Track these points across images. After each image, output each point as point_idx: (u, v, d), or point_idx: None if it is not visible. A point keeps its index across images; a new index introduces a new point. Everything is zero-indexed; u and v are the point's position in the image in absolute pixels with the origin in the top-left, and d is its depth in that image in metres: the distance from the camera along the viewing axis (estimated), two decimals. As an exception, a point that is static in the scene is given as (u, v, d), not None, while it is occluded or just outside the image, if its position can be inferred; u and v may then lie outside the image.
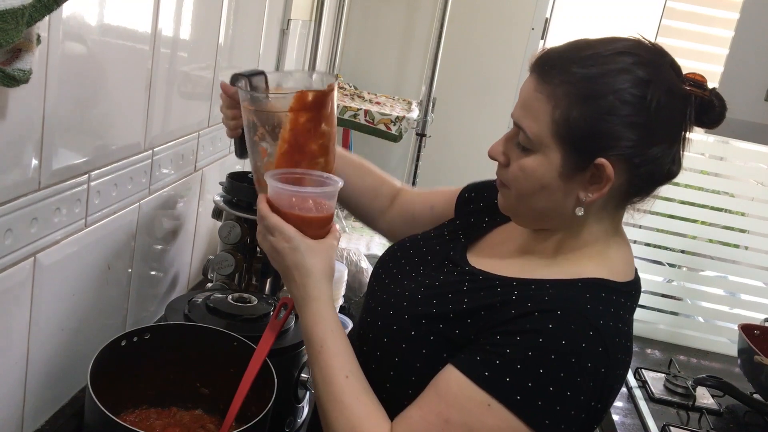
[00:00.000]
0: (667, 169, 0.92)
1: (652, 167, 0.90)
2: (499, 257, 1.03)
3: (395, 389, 0.93)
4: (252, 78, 1.08)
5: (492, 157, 0.98)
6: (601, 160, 0.87)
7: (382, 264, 1.13)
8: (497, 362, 0.84)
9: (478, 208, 1.15)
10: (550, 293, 0.89)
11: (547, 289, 0.90)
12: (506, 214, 1.02)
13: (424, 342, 0.92)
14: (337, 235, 1.00)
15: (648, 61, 0.88)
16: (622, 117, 0.87)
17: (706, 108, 0.92)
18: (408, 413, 0.87)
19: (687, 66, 0.95)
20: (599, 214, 0.95)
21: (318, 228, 0.98)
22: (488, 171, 1.01)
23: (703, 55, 2.16)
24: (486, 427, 0.83)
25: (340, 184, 1.00)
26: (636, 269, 1.00)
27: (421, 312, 0.94)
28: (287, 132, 1.03)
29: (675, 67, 0.91)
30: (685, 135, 0.93)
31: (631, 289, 0.95)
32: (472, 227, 1.12)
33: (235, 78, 1.08)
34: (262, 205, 0.97)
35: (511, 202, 0.98)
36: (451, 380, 0.86)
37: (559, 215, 0.94)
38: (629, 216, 1.01)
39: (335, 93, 1.12)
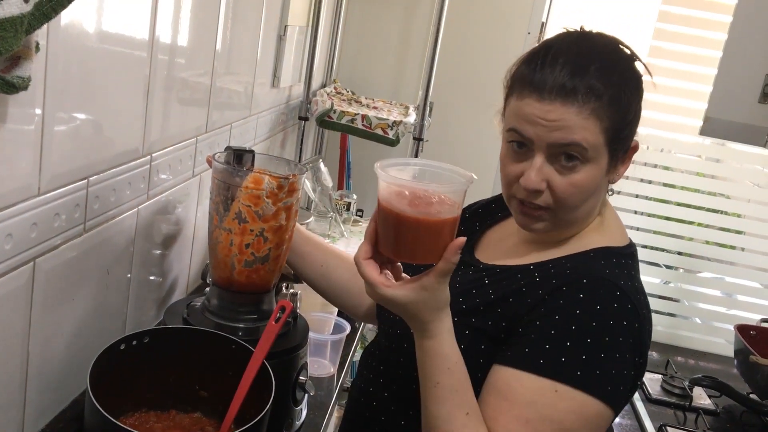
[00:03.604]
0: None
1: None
2: (506, 251, 1.06)
3: None
4: (241, 154, 1.14)
5: (533, 190, 0.95)
6: (636, 142, 0.99)
7: None
8: (547, 347, 0.87)
9: (464, 218, 1.17)
10: (569, 267, 0.93)
11: (564, 264, 0.94)
12: (540, 233, 1.00)
13: (460, 338, 0.93)
14: (453, 258, 0.85)
15: (626, 48, 0.98)
16: (635, 101, 0.96)
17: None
18: (489, 428, 0.87)
19: (680, 69, 1.01)
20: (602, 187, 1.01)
21: (445, 234, 0.86)
22: (485, 174, 1.02)
23: (697, 58, 2.17)
24: (561, 412, 0.85)
25: (473, 177, 0.88)
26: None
27: (452, 311, 0.94)
28: (236, 204, 1.09)
29: None
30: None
31: (633, 251, 1.02)
32: (466, 232, 1.14)
33: (228, 150, 1.16)
34: (360, 262, 0.90)
35: (555, 220, 0.97)
36: (513, 380, 0.88)
37: (594, 206, 1.00)
38: (630, 217, 1.06)
39: (300, 185, 1.13)
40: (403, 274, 0.93)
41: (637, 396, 1.83)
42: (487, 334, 0.93)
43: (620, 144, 0.96)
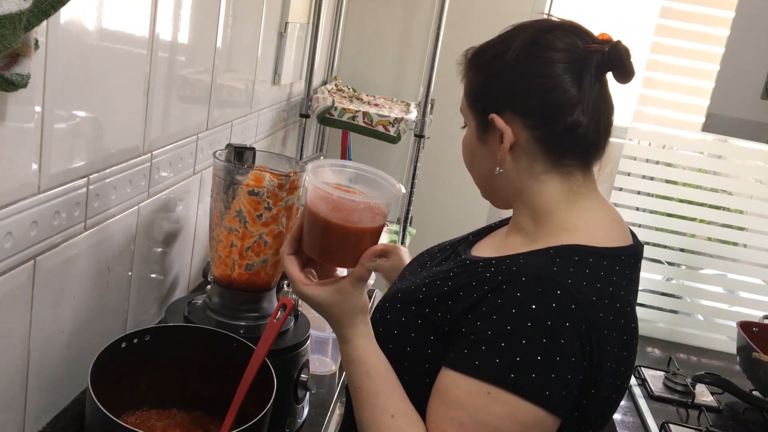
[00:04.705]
0: (575, 120, 0.93)
1: (556, 120, 0.93)
2: (492, 244, 1.06)
3: None
4: (242, 151, 1.15)
5: None
6: (492, 116, 0.95)
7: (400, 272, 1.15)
8: (483, 348, 0.84)
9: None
10: (519, 263, 0.89)
11: (518, 260, 0.90)
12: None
13: (412, 327, 0.94)
14: (367, 264, 0.94)
15: (534, 29, 0.98)
16: (505, 77, 0.96)
17: (613, 59, 0.93)
18: (428, 431, 0.87)
19: (682, 65, 0.97)
20: (537, 177, 0.96)
21: (365, 242, 0.90)
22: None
23: (699, 54, 2.16)
24: (495, 416, 0.83)
25: (402, 190, 0.92)
26: (634, 235, 0.99)
27: (412, 299, 0.96)
28: (237, 202, 1.10)
29: (576, 31, 0.96)
30: (588, 88, 0.93)
31: (620, 253, 0.93)
32: (483, 229, 1.15)
33: (229, 147, 1.17)
34: (283, 257, 0.97)
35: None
36: (450, 382, 0.86)
37: (494, 179, 0.99)
38: (632, 214, 1.02)
39: (302, 183, 1.13)
40: (337, 274, 0.97)
41: (639, 393, 1.83)
42: (435, 326, 0.92)
43: (478, 110, 0.99)
